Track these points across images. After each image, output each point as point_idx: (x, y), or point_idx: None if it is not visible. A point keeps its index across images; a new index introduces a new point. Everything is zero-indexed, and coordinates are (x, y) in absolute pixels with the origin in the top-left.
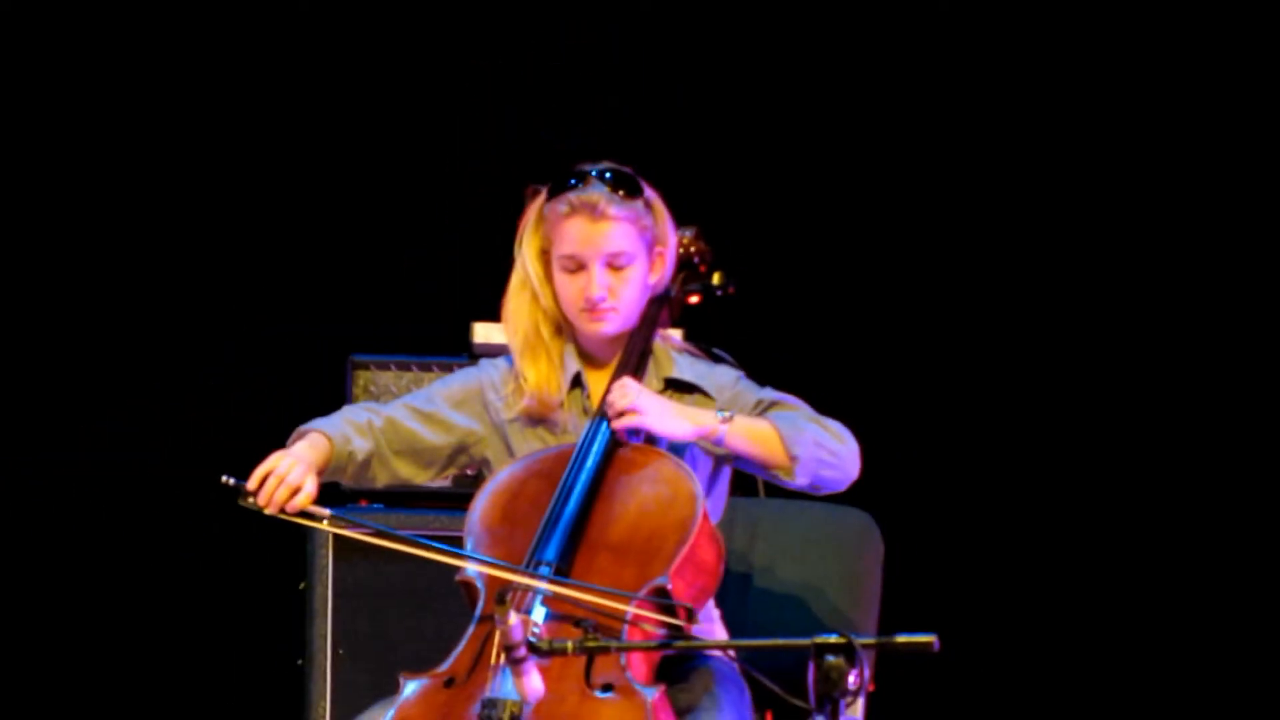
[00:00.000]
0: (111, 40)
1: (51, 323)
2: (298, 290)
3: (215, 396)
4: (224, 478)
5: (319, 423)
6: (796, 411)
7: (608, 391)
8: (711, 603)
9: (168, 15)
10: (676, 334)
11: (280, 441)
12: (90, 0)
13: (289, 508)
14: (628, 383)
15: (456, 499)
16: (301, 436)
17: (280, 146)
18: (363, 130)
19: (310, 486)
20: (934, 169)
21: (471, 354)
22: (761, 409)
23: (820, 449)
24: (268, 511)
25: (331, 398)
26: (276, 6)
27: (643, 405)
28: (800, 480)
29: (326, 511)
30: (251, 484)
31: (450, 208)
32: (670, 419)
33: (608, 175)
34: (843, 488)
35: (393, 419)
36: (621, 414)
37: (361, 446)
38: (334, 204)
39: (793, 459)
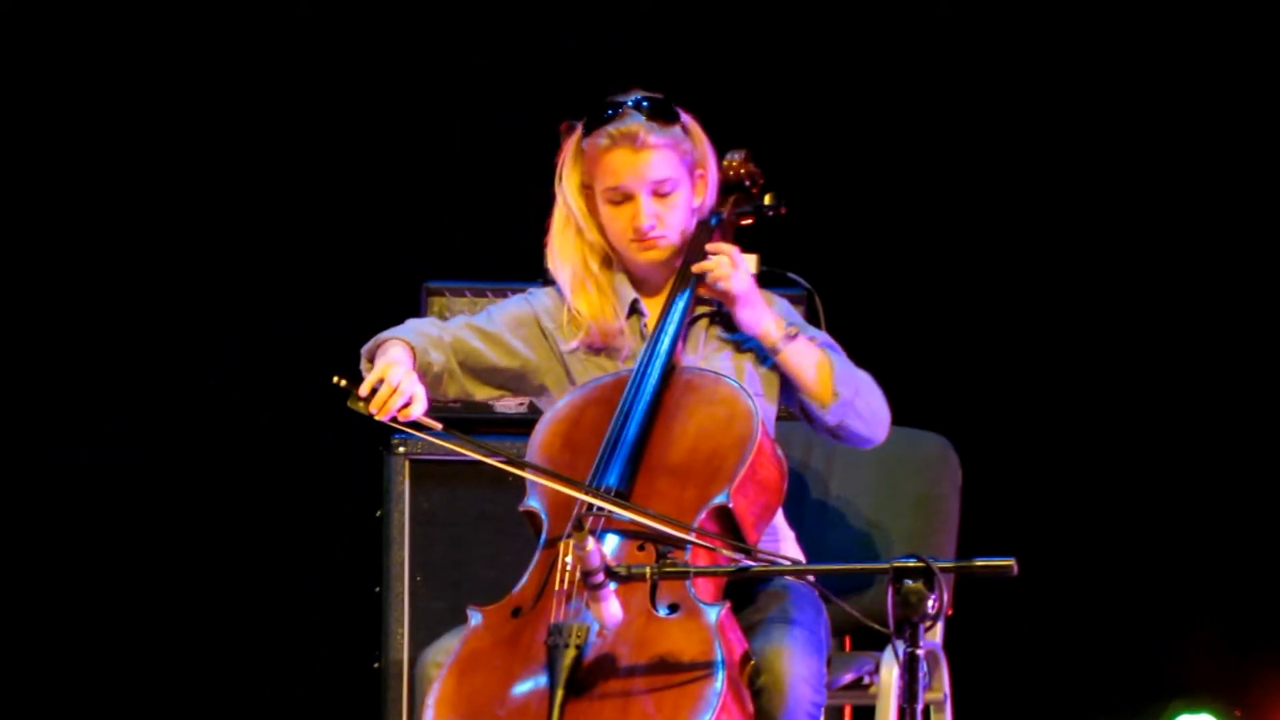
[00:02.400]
0: (118, 23)
1: (121, 271)
2: (372, 219)
3: (296, 326)
4: (335, 377)
5: (396, 331)
6: (848, 361)
7: (700, 259)
8: (785, 523)
9: None
10: (751, 260)
11: (359, 359)
12: None
13: (401, 416)
14: (732, 249)
15: (524, 425)
16: (380, 345)
17: (354, 80)
18: (434, 62)
19: (423, 396)
20: (988, 83)
21: (545, 279)
22: (812, 336)
23: (860, 399)
24: (379, 418)
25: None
26: None
27: (736, 274)
28: (830, 419)
29: (438, 426)
30: (364, 390)
31: (523, 133)
32: (749, 297)
33: (644, 104)
34: (860, 445)
35: (459, 336)
36: (715, 272)
37: (437, 359)
38: (409, 134)
39: (835, 395)
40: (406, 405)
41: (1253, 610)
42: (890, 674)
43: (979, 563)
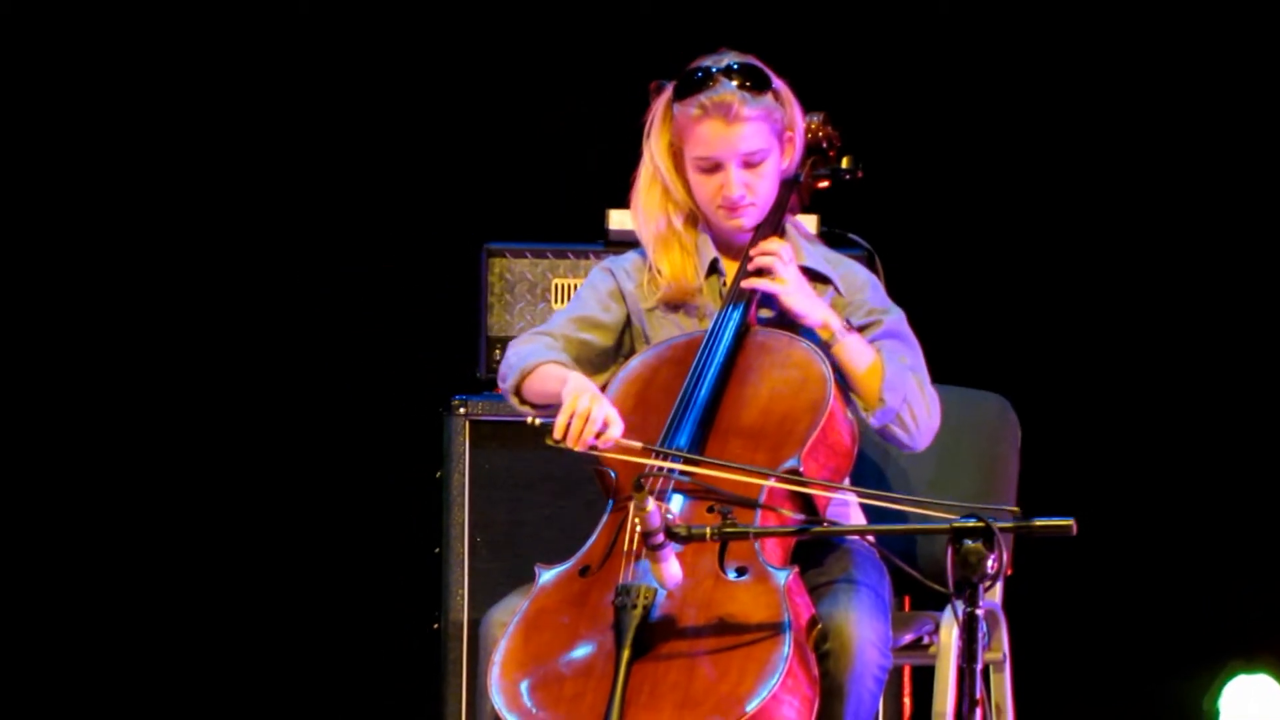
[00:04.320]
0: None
1: (190, 225)
2: (434, 180)
3: (359, 287)
4: (531, 420)
5: (531, 356)
6: (908, 355)
7: (753, 252)
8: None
9: None
10: (811, 220)
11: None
12: None
13: (600, 445)
14: (779, 244)
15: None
16: (531, 371)
17: (418, 44)
18: (498, 25)
19: (616, 419)
20: (1053, 47)
21: (607, 240)
22: (874, 321)
23: (906, 407)
24: (577, 450)
25: (468, 286)
26: None
27: (783, 270)
28: (873, 422)
29: (639, 445)
30: (557, 433)
31: (581, 102)
32: (800, 296)
33: (736, 70)
34: (901, 449)
35: (568, 336)
36: (763, 270)
37: (567, 363)
38: (470, 96)
39: (880, 401)
40: (604, 431)
41: None
42: (950, 634)
43: (1038, 523)
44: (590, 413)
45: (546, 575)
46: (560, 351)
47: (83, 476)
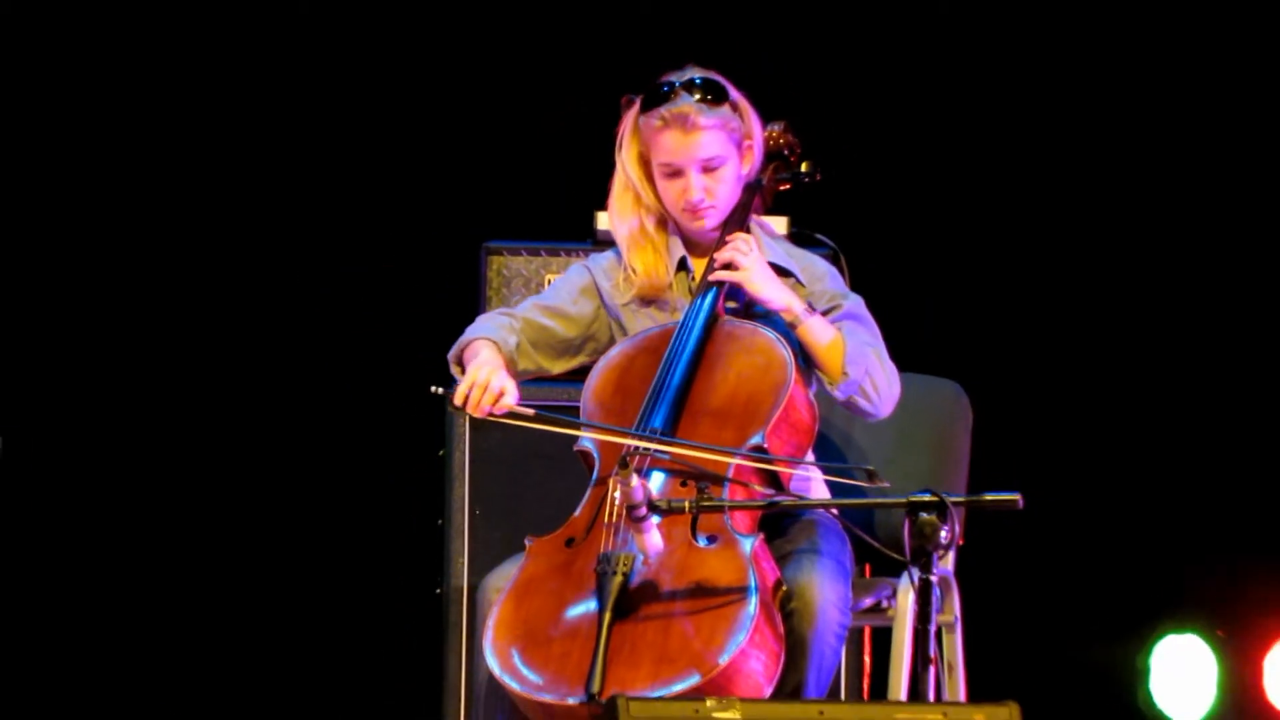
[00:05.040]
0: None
1: (199, 231)
2: (435, 182)
3: (365, 283)
4: (433, 388)
5: (477, 331)
6: (866, 335)
7: (721, 246)
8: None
9: None
10: (781, 221)
11: (422, 318)
12: None
13: (496, 410)
14: (745, 238)
15: (580, 373)
16: (466, 346)
17: (423, 49)
18: (496, 33)
19: (513, 389)
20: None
21: (595, 239)
22: (835, 305)
23: (868, 379)
24: (476, 415)
25: (468, 282)
26: None
27: (745, 261)
28: (838, 394)
29: (530, 411)
30: (458, 400)
31: (574, 106)
32: (764, 282)
33: (696, 83)
34: (866, 419)
35: (528, 318)
36: (729, 263)
37: (511, 342)
38: (469, 102)
39: (844, 374)
40: (499, 399)
41: (1232, 543)
42: (906, 598)
43: (988, 497)
44: (489, 383)
45: (536, 546)
46: (511, 333)
47: (105, 465)
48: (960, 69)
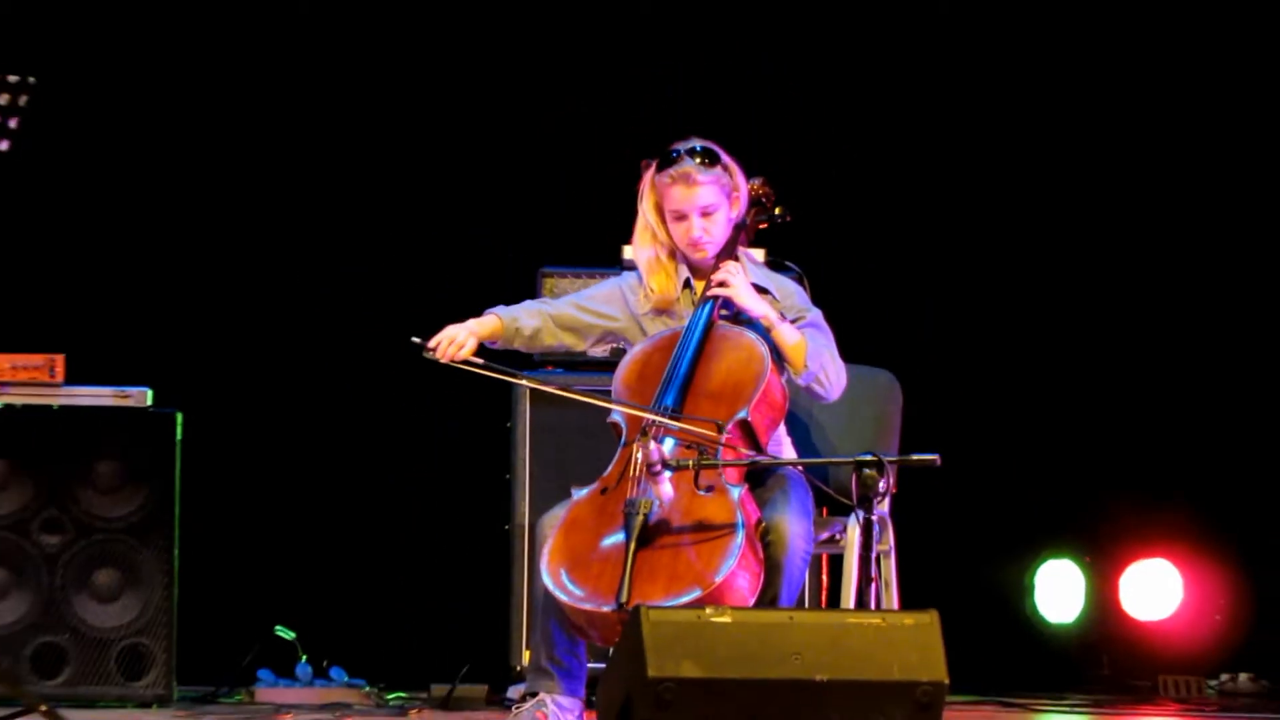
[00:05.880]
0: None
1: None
2: (500, 216)
3: (452, 299)
4: (413, 338)
5: (498, 308)
6: (823, 339)
7: (716, 270)
8: (784, 432)
9: None
10: (759, 253)
11: None
12: None
13: (457, 358)
14: (733, 265)
15: (609, 364)
16: (482, 315)
17: (492, 107)
18: (557, 92)
19: (470, 345)
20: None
21: (622, 265)
22: (800, 316)
23: (822, 370)
24: (441, 361)
25: (528, 296)
26: None
27: (734, 281)
28: (800, 381)
29: (480, 361)
30: (431, 343)
31: (605, 162)
32: (748, 297)
33: (696, 149)
34: (820, 400)
35: (559, 307)
36: (721, 283)
37: (529, 324)
38: (527, 150)
39: (805, 366)
40: (459, 350)
41: (1097, 490)
42: (854, 533)
43: (914, 457)
44: (454, 337)
45: (579, 493)
46: (532, 316)
47: (268, 438)
48: (890, 77)
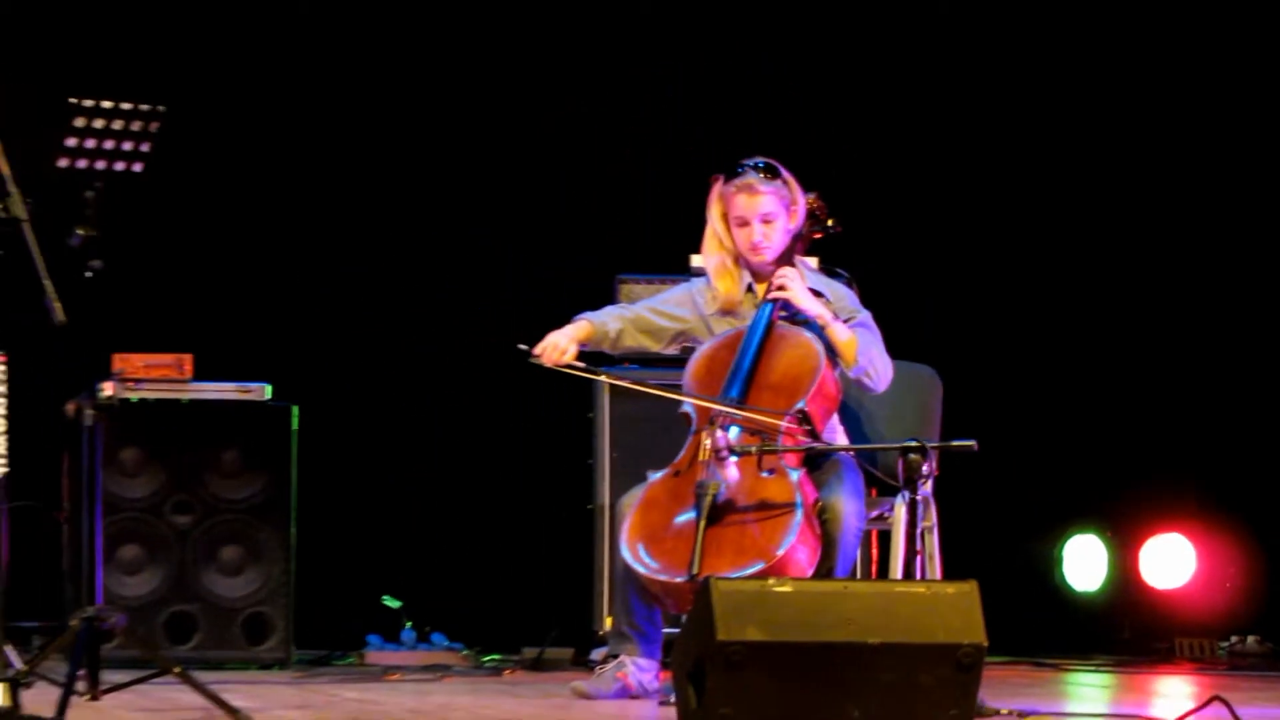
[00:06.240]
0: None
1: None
2: (583, 227)
3: (545, 304)
4: (520, 345)
5: (589, 313)
6: (872, 337)
7: (775, 275)
8: (838, 421)
9: None
10: (813, 260)
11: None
12: None
13: (560, 362)
14: (790, 270)
15: (680, 361)
16: (576, 319)
17: (575, 134)
18: (638, 113)
19: (572, 351)
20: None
21: (690, 271)
22: (851, 316)
23: (871, 365)
24: (546, 365)
25: (609, 301)
26: None
27: (792, 285)
28: (851, 374)
29: (581, 365)
30: (537, 349)
31: (679, 179)
32: (805, 299)
33: (759, 165)
34: (869, 392)
35: (638, 311)
36: (780, 287)
37: (614, 327)
38: (607, 166)
39: (855, 361)
40: (563, 355)
41: (1119, 473)
42: (900, 511)
43: (954, 444)
44: (557, 343)
45: (654, 476)
46: (615, 320)
47: (373, 423)
48: (890, 77)
